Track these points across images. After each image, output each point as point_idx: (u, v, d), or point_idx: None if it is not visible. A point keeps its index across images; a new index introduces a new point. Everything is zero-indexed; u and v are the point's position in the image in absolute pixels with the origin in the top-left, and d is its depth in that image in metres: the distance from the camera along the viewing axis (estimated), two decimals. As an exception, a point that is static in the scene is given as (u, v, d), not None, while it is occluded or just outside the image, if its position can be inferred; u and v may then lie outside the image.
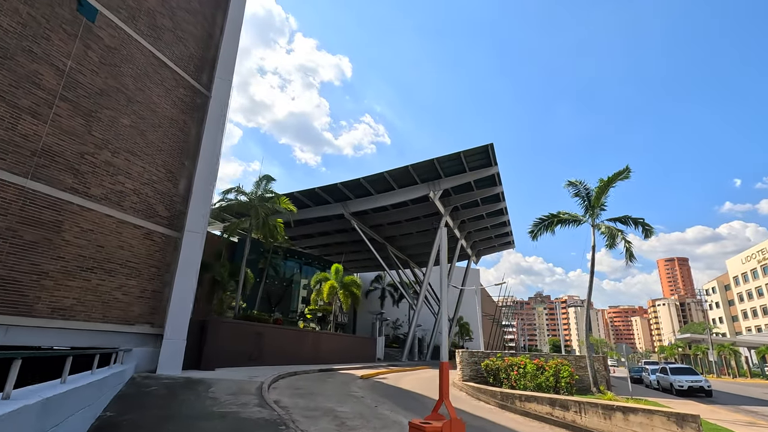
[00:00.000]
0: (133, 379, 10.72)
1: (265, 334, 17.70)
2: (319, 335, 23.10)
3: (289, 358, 19.29)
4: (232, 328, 15.86)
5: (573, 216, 18.01)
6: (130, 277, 12.09)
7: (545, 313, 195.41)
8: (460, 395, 13.39)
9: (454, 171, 35.24)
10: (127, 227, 12.14)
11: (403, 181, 35.80)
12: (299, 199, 38.38)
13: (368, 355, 29.56)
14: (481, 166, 35.10)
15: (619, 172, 16.77)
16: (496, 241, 54.88)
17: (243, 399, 9.24)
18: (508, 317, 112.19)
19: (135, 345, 12.07)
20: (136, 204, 12.51)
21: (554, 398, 10.37)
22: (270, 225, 21.37)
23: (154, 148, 13.28)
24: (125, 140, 12.32)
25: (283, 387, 12.27)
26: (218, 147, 14.52)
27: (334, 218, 42.46)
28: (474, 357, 15.10)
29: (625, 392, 18.23)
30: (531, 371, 12.64)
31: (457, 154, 32.89)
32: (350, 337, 28.97)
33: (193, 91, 15.02)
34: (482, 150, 33.20)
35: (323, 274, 28.92)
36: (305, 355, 20.93)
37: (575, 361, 17.99)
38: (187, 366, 13.48)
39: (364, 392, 12.46)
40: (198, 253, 13.27)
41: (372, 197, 37.62)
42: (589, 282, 17.32)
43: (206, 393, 9.58)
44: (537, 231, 18.29)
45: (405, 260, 54.06)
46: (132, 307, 12.08)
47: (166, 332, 12.27)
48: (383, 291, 61.48)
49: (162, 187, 13.44)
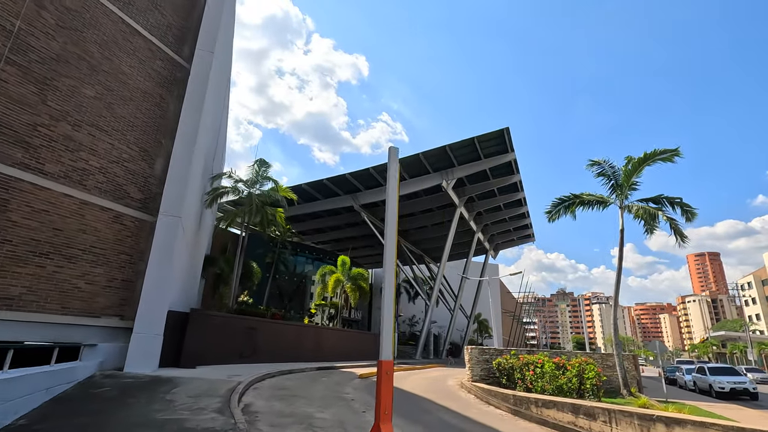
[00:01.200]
0: (92, 377, 9.48)
1: (260, 330, 16.38)
2: (321, 331, 21.68)
3: (287, 355, 17.94)
4: (219, 323, 14.57)
5: (598, 197, 16.03)
6: (95, 265, 10.86)
7: (568, 310, 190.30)
8: (468, 398, 11.72)
9: (467, 159, 33.33)
10: (91, 209, 10.92)
11: (414, 170, 34.07)
12: (308, 192, 37.13)
13: (377, 353, 28.11)
14: (496, 152, 33.08)
15: (665, 150, 14.64)
16: (515, 234, 52.51)
17: (204, 403, 7.84)
18: (529, 314, 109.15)
19: (101, 340, 10.85)
20: (103, 184, 11.28)
21: (578, 404, 8.62)
22: (268, 213, 20.02)
23: (124, 124, 12.04)
24: (88, 113, 11.09)
25: (265, 388, 10.86)
26: (198, 123, 13.18)
27: (344, 211, 41.10)
28: (485, 354, 13.38)
29: (657, 394, 16.20)
30: (550, 371, 10.85)
31: (470, 139, 30.98)
32: (357, 333, 27.52)
33: (172, 64, 13.74)
34: (497, 135, 31.20)
35: (329, 267, 27.51)
36: (306, 352, 19.56)
37: (601, 360, 16.07)
38: (165, 363, 12.23)
39: (356, 394, 10.95)
40: (175, 239, 11.97)
41: (382, 188, 36.01)
42: (617, 270, 15.34)
43: (164, 395, 8.23)
44: (555, 212, 16.38)
45: (419, 255, 52.31)
46: (97, 298, 10.86)
47: (136, 326, 11.01)
48: (398, 287, 59.93)
49: (135, 167, 12.19)
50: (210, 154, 18.42)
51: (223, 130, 24.38)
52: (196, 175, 14.35)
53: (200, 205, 18.46)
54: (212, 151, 19.00)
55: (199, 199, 17.50)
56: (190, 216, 14.93)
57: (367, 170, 33.72)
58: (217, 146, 21.61)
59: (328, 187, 35.98)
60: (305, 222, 44.05)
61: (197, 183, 15.38)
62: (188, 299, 18.64)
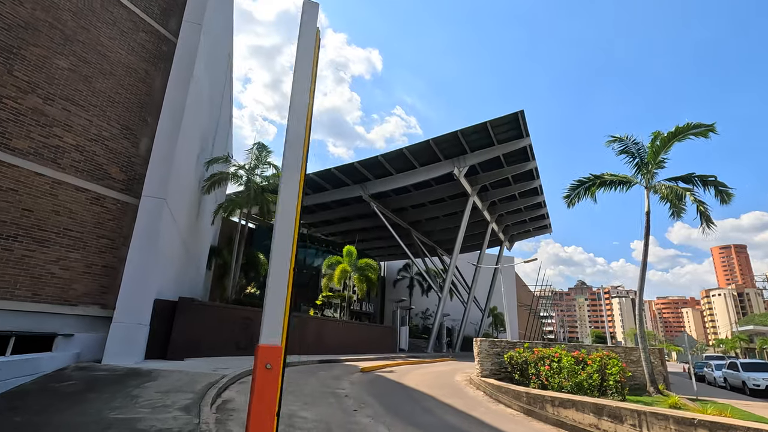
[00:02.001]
0: (63, 370, 8.72)
1: (257, 320, 15.53)
2: (323, 323, 20.79)
3: (288, 347, 17.11)
4: (211, 312, 13.77)
5: (621, 177, 14.64)
6: (70, 249, 10.11)
7: (587, 304, 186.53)
8: (476, 395, 10.64)
9: (480, 144, 31.93)
10: (66, 189, 10.14)
11: (424, 157, 32.85)
12: (315, 182, 36.25)
13: (388, 345, 27.12)
14: (510, 138, 31.59)
15: (699, 125, 13.16)
16: (531, 225, 50.83)
17: (172, 399, 6.97)
18: (546, 308, 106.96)
19: (79, 330, 10.11)
20: (79, 163, 10.49)
21: (601, 404, 7.47)
22: (268, 200, 19.17)
23: (104, 99, 11.22)
24: (62, 86, 10.29)
25: (253, 382, 9.98)
26: (184, 99, 12.29)
27: (353, 202, 40.13)
28: (496, 347, 12.24)
29: (685, 392, 14.84)
30: (568, 366, 9.67)
31: (483, 124, 29.58)
32: (365, 325, 26.61)
33: (157, 38, 12.87)
34: (511, 119, 29.72)
35: (335, 258, 26.59)
36: (308, 344, 18.72)
37: (624, 354, 14.79)
38: (152, 355, 11.49)
39: (352, 389, 9.98)
40: (159, 221, 11.15)
41: (392, 177, 34.92)
42: (643, 256, 13.99)
43: (133, 390, 7.39)
44: (574, 196, 15.04)
45: (432, 247, 51.13)
46: (74, 285, 10.11)
47: (116, 315, 10.23)
48: (411, 280, 58.92)
49: (116, 146, 11.38)
50: (207, 137, 17.61)
51: (225, 114, 23.56)
52: (186, 156, 13.51)
53: (197, 191, 17.70)
54: (210, 135, 18.19)
55: (194, 184, 16.73)
56: (181, 200, 14.14)
57: (376, 158, 32.62)
58: (218, 130, 20.80)
59: (337, 176, 35.02)
60: (315, 213, 43.28)
61: (188, 165, 14.56)
62: (188, 290, 17.96)
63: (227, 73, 22.69)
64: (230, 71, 24.33)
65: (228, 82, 23.48)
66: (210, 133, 18.53)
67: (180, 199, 14.10)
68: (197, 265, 22.47)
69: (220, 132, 22.78)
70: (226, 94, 23.51)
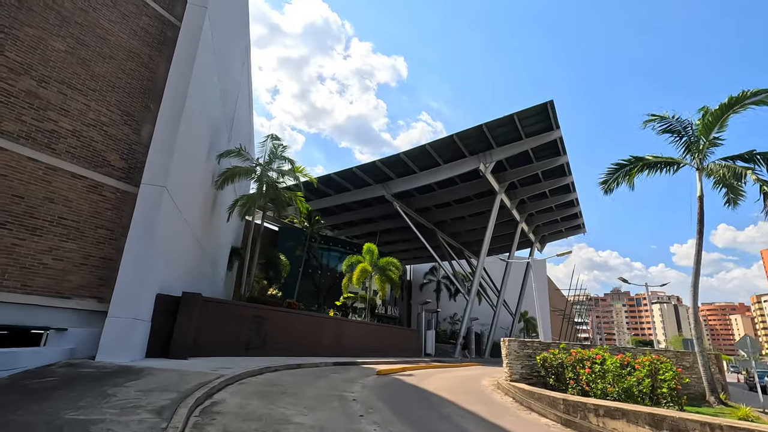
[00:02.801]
0: (48, 366, 8.07)
1: (270, 319, 14.74)
2: (342, 323, 19.79)
3: (302, 348, 16.23)
4: (219, 309, 13.03)
5: (666, 158, 13.02)
6: (65, 239, 9.56)
7: (624, 310, 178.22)
8: (504, 402, 9.33)
9: (507, 139, 30.37)
10: (61, 176, 9.63)
11: (448, 154, 31.56)
12: (337, 182, 35.61)
13: (412, 349, 25.87)
14: (539, 130, 29.89)
15: (759, 91, 11.45)
16: (563, 225, 48.34)
17: (150, 399, 6.12)
18: (581, 314, 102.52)
19: (73, 324, 9.53)
20: (76, 148, 9.98)
21: (660, 414, 6.09)
22: (283, 195, 18.46)
23: (103, 84, 10.72)
24: (57, 69, 9.83)
25: (255, 383, 9.08)
26: (187, 84, 11.68)
27: (376, 203, 39.23)
28: (527, 348, 10.86)
29: (749, 403, 12.92)
30: (613, 369, 8.25)
31: (509, 116, 28.07)
32: (387, 327, 25.43)
33: (162, 22, 12.37)
34: (539, 110, 28.07)
35: (355, 257, 25.61)
36: (325, 345, 17.78)
37: (675, 359, 13.06)
38: (154, 353, 10.81)
39: (362, 393, 8.90)
40: (158, 210, 10.49)
41: (415, 176, 33.80)
42: (697, 247, 12.32)
43: (112, 389, 6.60)
44: (612, 181, 13.49)
45: (459, 249, 49.48)
46: (69, 277, 9.54)
47: (111, 309, 9.57)
48: (438, 284, 57.41)
49: (116, 132, 10.85)
50: (220, 131, 17.09)
51: (243, 108, 23.12)
52: (192, 145, 12.91)
53: (211, 187, 17.19)
54: (223, 130, 17.68)
55: (206, 179, 16.20)
56: (189, 194, 13.55)
57: (398, 156, 31.64)
58: (235, 128, 20.34)
59: (358, 176, 34.23)
60: (337, 215, 42.67)
61: (196, 156, 13.98)
62: (206, 290, 17.43)
63: (244, 68, 22.31)
64: (248, 68, 24.01)
65: (245, 77, 23.12)
66: (224, 128, 18.03)
67: (188, 193, 13.52)
68: (215, 265, 22.04)
69: (239, 131, 22.35)
70: (243, 90, 23.15)
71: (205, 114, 14.46)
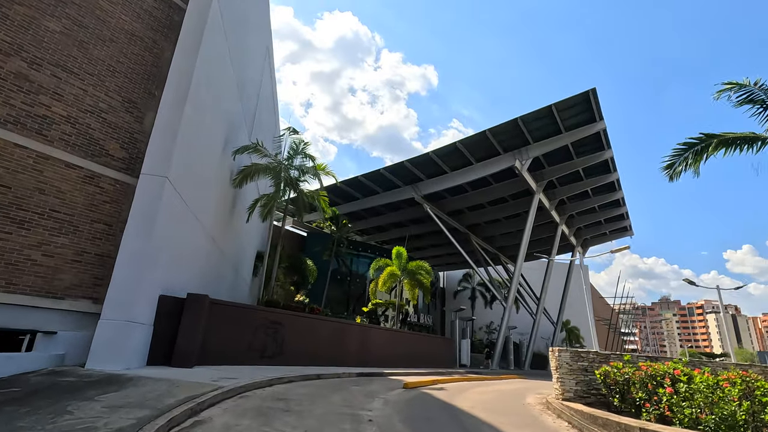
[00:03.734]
0: (26, 374, 7.14)
1: (288, 325, 13.56)
2: (369, 330, 18.36)
3: (324, 357, 14.94)
4: (230, 314, 11.95)
5: (748, 134, 10.93)
6: (56, 233, 8.74)
7: (676, 319, 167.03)
8: (558, 428, 7.56)
9: (545, 133, 28.30)
10: (53, 165, 8.86)
11: (480, 152, 29.78)
12: (364, 185, 34.52)
13: (446, 359, 24.09)
14: (580, 122, 27.62)
15: None
16: (607, 227, 45.03)
17: (114, 417, 4.97)
18: (628, 324, 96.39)
19: (65, 327, 8.65)
20: (70, 136, 9.22)
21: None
22: (306, 195, 17.42)
23: (103, 68, 9.99)
24: (51, 50, 9.14)
25: (258, 397, 7.83)
26: (193, 67, 10.79)
27: (405, 206, 37.83)
28: (581, 360, 9.03)
29: None
30: (704, 388, 6.37)
31: (546, 108, 26.04)
32: (418, 335, 23.77)
33: (168, 5, 11.63)
34: (580, 100, 25.88)
35: (383, 260, 24.20)
36: (350, 354, 16.41)
37: (764, 375, 10.76)
38: (156, 360, 9.81)
39: (384, 412, 7.44)
40: (159, 202, 9.55)
41: (446, 176, 32.16)
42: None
43: (76, 403, 5.52)
44: (680, 163, 11.47)
45: (494, 254, 47.11)
46: (60, 275, 8.70)
47: (104, 310, 8.64)
48: (473, 291, 55.12)
49: (116, 119, 10.07)
50: (237, 127, 16.30)
51: (266, 110, 22.45)
52: (200, 136, 12.02)
53: (228, 185, 16.38)
54: (241, 126, 16.89)
55: (222, 176, 15.37)
56: (201, 190, 12.67)
57: (427, 155, 30.17)
58: (255, 124, 19.59)
59: (386, 177, 32.95)
60: (366, 219, 41.55)
61: (206, 149, 13.11)
62: (225, 295, 16.59)
63: (266, 68, 21.67)
64: (271, 70, 23.39)
65: (268, 78, 22.47)
66: (242, 125, 17.26)
67: (200, 188, 12.65)
68: (238, 270, 21.27)
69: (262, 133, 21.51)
70: (266, 90, 22.51)
71: (218, 105, 13.63)
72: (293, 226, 41.85)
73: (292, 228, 41.57)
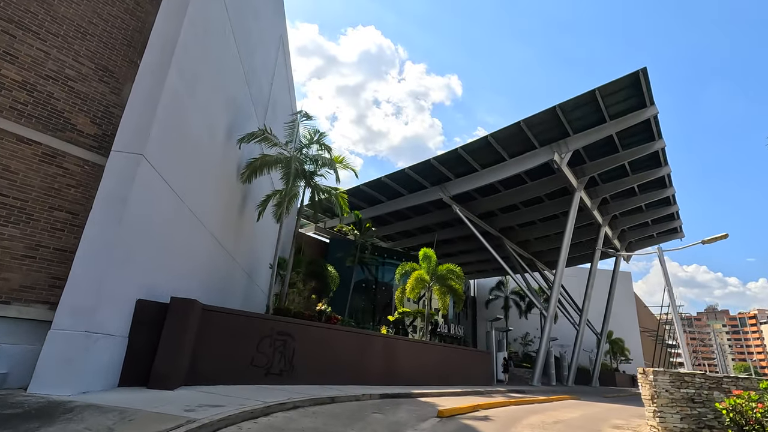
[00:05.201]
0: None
1: (299, 337, 11.52)
2: (395, 343, 16.02)
3: (343, 373, 12.81)
4: (228, 323, 10.00)
5: None
6: (2, 222, 7.07)
7: (725, 330, 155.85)
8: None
9: (586, 123, 25.56)
10: (2, 138, 7.23)
11: (514, 146, 27.27)
12: (389, 187, 32.52)
13: (483, 375, 21.48)
14: (627, 109, 24.77)
15: None
16: (655, 229, 41.16)
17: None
18: (673, 335, 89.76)
19: (13, 339, 6.91)
20: (26, 105, 7.60)
21: None
22: (321, 191, 15.54)
23: (70, 29, 8.41)
24: (3, 2, 7.59)
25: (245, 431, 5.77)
26: (179, 30, 9.10)
27: (433, 208, 35.55)
28: (686, 386, 6.46)
29: None
30: None
31: (589, 93, 23.38)
32: (451, 348, 21.23)
33: (155, -36, 10.06)
34: (629, 83, 23.08)
35: (410, 264, 21.91)
36: (374, 370, 14.20)
37: None
38: (130, 380, 7.94)
39: (413, 461, 5.22)
40: (134, 187, 7.77)
41: (476, 174, 29.73)
42: None
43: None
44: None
45: (529, 260, 43.94)
46: (6, 273, 6.99)
47: (57, 318, 6.86)
48: (506, 300, 51.99)
49: (87, 89, 8.44)
50: (243, 112, 14.64)
51: (280, 96, 20.76)
52: (192, 113, 10.28)
53: (235, 180, 14.69)
54: (248, 111, 15.21)
55: (227, 169, 13.69)
56: (194, 175, 10.93)
57: (455, 152, 27.88)
58: (268, 112, 17.94)
59: (412, 177, 30.81)
60: (391, 224, 39.44)
61: (202, 128, 11.39)
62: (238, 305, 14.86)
63: (280, 55, 20.10)
64: (286, 59, 21.89)
65: (282, 67, 20.92)
66: (251, 113, 15.60)
67: (196, 177, 10.93)
68: (253, 277, 19.52)
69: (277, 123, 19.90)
70: (281, 81, 20.94)
71: (219, 85, 11.97)
72: (315, 233, 40.23)
73: (314, 234, 39.95)
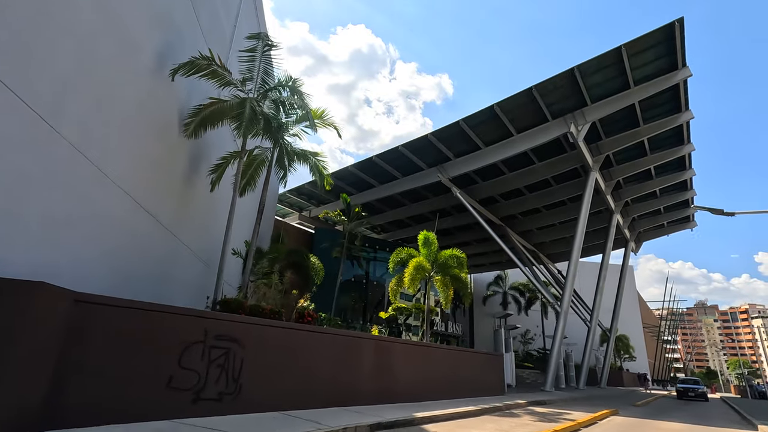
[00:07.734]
0: None
1: (248, 344, 7.85)
2: (389, 347, 12.25)
3: (320, 392, 9.19)
4: (127, 324, 6.30)
5: None
6: None
7: (717, 326, 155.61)
8: None
9: (607, 90, 22.19)
10: None
11: (523, 118, 23.78)
12: (381, 169, 28.85)
13: (492, 382, 18.05)
14: (655, 72, 21.38)
15: None
16: (666, 217, 38.16)
17: None
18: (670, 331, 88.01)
19: None
20: None
21: None
22: (295, 152, 11.91)
23: None
24: None
25: None
26: None
27: (430, 195, 32.09)
28: None
29: None
30: None
31: (614, 52, 19.94)
32: (456, 351, 17.67)
33: None
34: (661, 38, 19.61)
35: (406, 251, 18.30)
36: (362, 384, 10.59)
37: None
38: None
39: None
40: None
41: (478, 153, 26.21)
42: None
43: None
44: None
45: (533, 252, 40.69)
46: None
47: None
48: (504, 295, 48.93)
49: None
50: (186, 41, 10.91)
51: (247, 16, 16.73)
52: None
53: (177, 133, 11.00)
54: (195, 42, 11.46)
55: (151, 102, 9.98)
56: (77, 97, 7.22)
57: (456, 124, 24.26)
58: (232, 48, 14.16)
59: (406, 157, 27.15)
60: (383, 213, 35.83)
61: (99, 31, 7.67)
62: (174, 299, 11.25)
63: None
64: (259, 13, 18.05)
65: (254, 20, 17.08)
66: (201, 45, 11.84)
67: (91, 112, 7.24)
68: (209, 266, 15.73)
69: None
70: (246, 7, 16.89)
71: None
72: (299, 222, 36.49)
73: (298, 224, 36.20)
